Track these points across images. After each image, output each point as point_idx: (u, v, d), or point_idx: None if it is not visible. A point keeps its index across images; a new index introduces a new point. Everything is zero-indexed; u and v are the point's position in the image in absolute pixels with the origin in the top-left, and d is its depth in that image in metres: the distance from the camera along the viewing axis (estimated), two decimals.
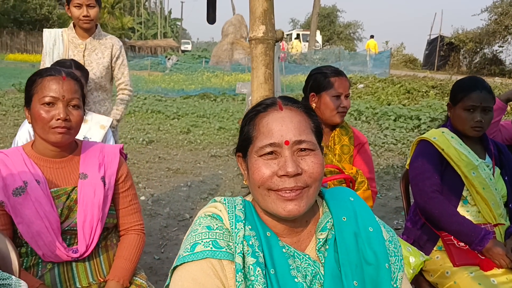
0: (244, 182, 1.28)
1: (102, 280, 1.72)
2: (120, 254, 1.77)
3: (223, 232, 1.08)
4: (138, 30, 46.17)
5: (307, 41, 31.34)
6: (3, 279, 1.25)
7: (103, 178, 1.73)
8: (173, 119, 9.96)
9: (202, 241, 1.06)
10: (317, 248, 1.12)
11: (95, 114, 2.74)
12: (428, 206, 2.11)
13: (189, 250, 1.05)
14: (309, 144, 1.08)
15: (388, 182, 5.71)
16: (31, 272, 1.63)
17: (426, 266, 2.14)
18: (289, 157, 1.05)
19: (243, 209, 1.13)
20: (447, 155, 2.14)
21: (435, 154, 2.17)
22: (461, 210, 2.13)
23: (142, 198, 4.92)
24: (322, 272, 1.10)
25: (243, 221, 1.09)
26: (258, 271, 1.03)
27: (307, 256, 1.12)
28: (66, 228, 1.64)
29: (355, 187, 2.22)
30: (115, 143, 2.82)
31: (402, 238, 2.34)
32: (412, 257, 2.00)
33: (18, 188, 1.58)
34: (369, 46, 23.83)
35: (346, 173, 2.19)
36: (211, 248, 1.04)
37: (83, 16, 2.92)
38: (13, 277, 1.26)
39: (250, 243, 1.06)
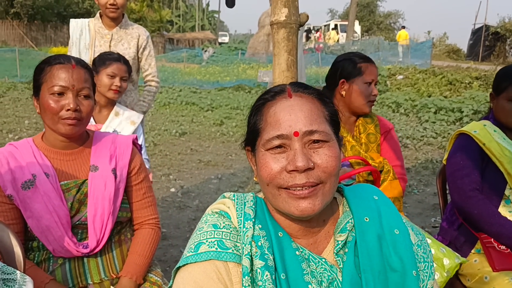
0: (254, 178, 1.18)
1: (114, 276, 1.66)
2: (133, 249, 1.71)
3: (231, 231, 0.99)
4: (176, 23, 46.62)
5: (345, 31, 30.76)
6: (8, 274, 1.21)
7: (114, 170, 1.66)
8: (207, 111, 9.96)
9: (207, 241, 0.97)
10: (335, 251, 1.01)
11: (126, 109, 2.70)
12: (466, 205, 1.95)
13: (192, 250, 0.96)
14: (322, 134, 0.96)
15: (426, 178, 5.47)
16: (42, 267, 1.59)
17: (463, 270, 1.98)
18: (299, 150, 0.94)
19: (253, 206, 1.02)
20: (488, 150, 1.96)
21: (476, 149, 1.99)
22: (503, 210, 1.95)
23: (172, 190, 4.91)
24: (340, 278, 0.98)
25: (253, 220, 0.99)
26: (267, 275, 0.92)
27: (323, 260, 1.00)
28: (77, 223, 1.59)
29: (382, 178, 2.10)
30: (143, 135, 2.78)
31: (437, 239, 2.18)
32: (447, 259, 1.85)
33: (27, 182, 1.53)
34: (400, 37, 24.15)
35: (372, 163, 2.08)
36: (216, 248, 0.95)
37: (110, 5, 2.87)
38: (17, 272, 1.22)
39: (259, 244, 0.96)
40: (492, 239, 1.92)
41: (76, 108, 1.55)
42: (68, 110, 1.54)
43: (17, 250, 1.32)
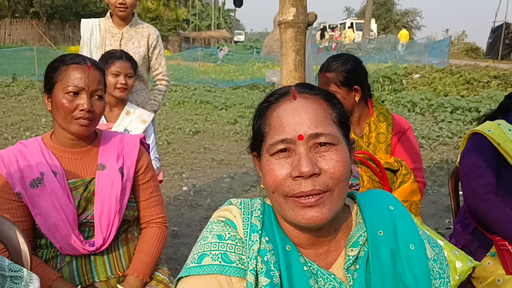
0: (261, 186, 1.13)
1: (121, 274, 1.67)
2: (140, 248, 1.72)
3: (236, 243, 0.95)
4: (192, 22, 46.76)
5: (361, 30, 30.57)
6: (15, 271, 1.22)
7: (121, 169, 1.67)
8: (221, 110, 9.98)
9: (210, 253, 0.93)
10: (346, 267, 0.96)
11: (138, 108, 2.71)
12: (480, 208, 1.88)
13: (196, 262, 0.93)
14: (328, 137, 0.91)
15: (441, 178, 5.39)
16: (50, 264, 1.61)
17: (475, 273, 1.93)
18: (303, 155, 0.89)
19: (261, 215, 0.98)
20: (503, 151, 1.90)
21: (490, 149, 1.93)
22: None
23: (185, 188, 4.92)
24: None
25: (260, 231, 0.95)
26: None
27: (332, 276, 0.96)
28: (84, 221, 1.61)
29: (399, 179, 2.05)
30: (153, 133, 2.79)
31: (450, 241, 2.13)
32: (459, 262, 1.80)
33: (35, 180, 1.55)
34: (402, 36, 26.69)
35: (382, 162, 2.04)
36: (220, 262, 0.92)
37: (119, 4, 2.89)
38: (24, 269, 1.23)
39: (265, 259, 0.92)
40: (507, 242, 1.87)
41: (90, 109, 1.57)
42: (82, 110, 1.56)
43: (24, 248, 1.34)
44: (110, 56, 2.57)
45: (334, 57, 2.16)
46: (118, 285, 1.63)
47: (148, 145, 1.89)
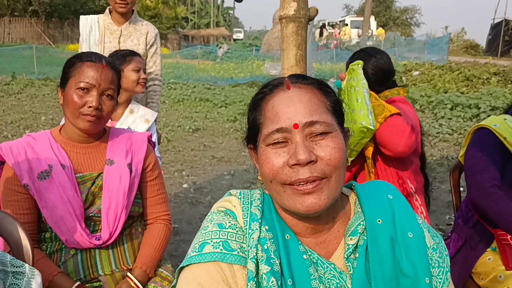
0: (258, 177, 1.13)
1: (125, 268, 1.68)
2: (147, 242, 1.73)
3: (236, 231, 0.96)
4: (191, 20, 46.75)
5: (356, 27, 30.71)
6: (17, 267, 1.22)
7: (129, 165, 1.69)
8: (220, 107, 9.98)
9: (211, 241, 0.94)
10: (346, 256, 0.96)
11: (141, 107, 2.70)
12: (485, 201, 1.87)
13: (197, 250, 0.94)
14: (323, 125, 0.92)
15: (441, 174, 5.39)
16: (54, 257, 1.62)
17: (476, 269, 1.93)
18: (300, 143, 0.90)
19: (260, 205, 0.99)
20: (509, 144, 1.89)
21: (496, 143, 1.92)
22: None
23: (185, 185, 4.92)
24: (349, 285, 0.94)
25: (259, 220, 0.96)
26: (273, 281, 0.89)
27: (332, 265, 0.96)
28: (90, 214, 1.62)
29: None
30: (156, 133, 2.79)
31: (451, 235, 2.13)
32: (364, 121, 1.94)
33: (43, 172, 1.57)
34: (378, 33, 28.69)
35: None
36: (221, 250, 0.92)
37: (120, 0, 2.88)
38: (26, 265, 1.23)
39: (265, 247, 0.92)
40: (509, 237, 1.86)
41: (98, 107, 1.58)
42: (90, 107, 1.57)
43: (26, 243, 1.34)
44: (126, 54, 2.57)
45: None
46: (128, 274, 1.64)
47: (154, 143, 1.90)
